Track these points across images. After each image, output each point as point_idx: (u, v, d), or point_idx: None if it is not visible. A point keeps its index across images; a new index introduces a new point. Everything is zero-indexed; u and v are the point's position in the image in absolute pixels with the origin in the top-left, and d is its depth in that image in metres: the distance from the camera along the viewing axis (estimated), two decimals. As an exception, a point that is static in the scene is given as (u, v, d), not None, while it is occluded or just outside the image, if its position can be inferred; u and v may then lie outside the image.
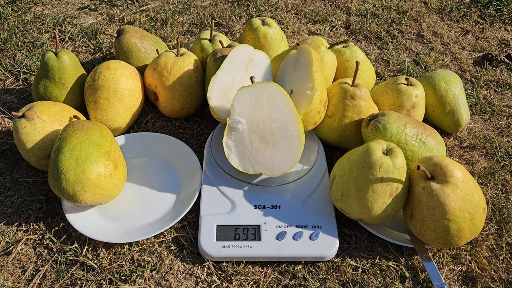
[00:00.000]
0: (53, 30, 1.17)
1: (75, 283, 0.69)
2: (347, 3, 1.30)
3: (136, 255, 0.73)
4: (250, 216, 0.75)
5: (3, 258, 0.72)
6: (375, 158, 0.68)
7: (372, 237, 0.76)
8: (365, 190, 0.68)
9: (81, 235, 0.75)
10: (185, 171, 0.83)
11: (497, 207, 0.82)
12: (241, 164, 0.76)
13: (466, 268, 0.73)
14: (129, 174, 0.83)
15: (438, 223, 0.67)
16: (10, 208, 0.79)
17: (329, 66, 0.89)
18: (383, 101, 0.88)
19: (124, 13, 1.23)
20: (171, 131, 0.93)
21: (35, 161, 0.79)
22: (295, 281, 0.70)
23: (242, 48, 0.85)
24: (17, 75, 1.04)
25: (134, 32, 0.97)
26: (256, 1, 1.28)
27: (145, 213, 0.77)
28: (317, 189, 0.80)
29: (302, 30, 1.20)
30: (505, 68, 1.11)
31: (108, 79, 0.86)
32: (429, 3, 1.31)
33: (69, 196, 0.70)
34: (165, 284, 0.70)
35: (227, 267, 0.71)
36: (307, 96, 0.76)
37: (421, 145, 0.77)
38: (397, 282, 0.71)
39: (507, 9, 1.29)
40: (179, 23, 1.21)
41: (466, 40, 1.19)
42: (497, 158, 0.90)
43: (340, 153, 0.90)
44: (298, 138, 0.75)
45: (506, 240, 0.77)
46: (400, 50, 1.15)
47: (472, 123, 0.98)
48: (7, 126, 0.93)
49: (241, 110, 0.76)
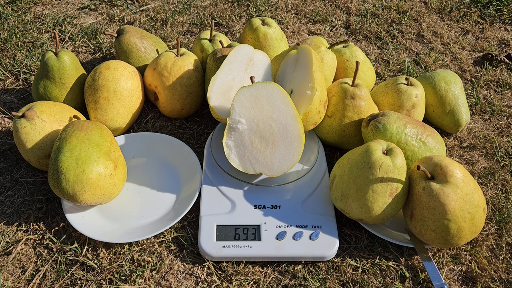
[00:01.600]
0: (53, 30, 1.17)
1: (75, 283, 0.69)
2: (347, 3, 1.30)
3: (136, 255, 0.73)
4: (250, 216, 0.75)
5: (3, 258, 0.72)
6: (375, 158, 0.68)
7: (372, 237, 0.76)
8: (365, 190, 0.68)
9: (81, 235, 0.75)
10: (185, 171, 0.83)
11: (497, 207, 0.82)
12: (241, 164, 0.76)
13: (466, 268, 0.73)
14: (129, 174, 0.83)
15: (438, 223, 0.67)
16: (10, 208, 0.79)
17: (329, 66, 0.89)
18: (383, 101, 0.88)
19: (124, 13, 1.23)
20: (171, 131, 0.93)
21: (35, 161, 0.79)
22: (295, 281, 0.70)
23: (242, 48, 0.85)
24: (17, 75, 1.04)
25: (134, 32, 0.97)
26: (256, 1, 1.28)
27: (145, 213, 0.77)
28: (317, 189, 0.80)
29: (302, 30, 1.20)
30: (505, 68, 1.11)
31: (108, 79, 0.86)
32: (429, 3, 1.31)
33: (69, 196, 0.70)
34: (165, 284, 0.70)
35: (227, 267, 0.71)
36: (307, 96, 0.76)
37: (421, 145, 0.77)
38: (397, 282, 0.71)
39: (507, 9, 1.29)
40: (179, 23, 1.21)
41: (466, 40, 1.19)
42: (497, 158, 0.90)
43: (340, 153, 0.90)
44: (298, 138, 0.75)
45: (506, 240, 0.77)
46: (400, 50, 1.15)
47: (472, 123, 0.98)
48: (7, 126, 0.93)
49: (241, 110, 0.76)
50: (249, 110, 0.76)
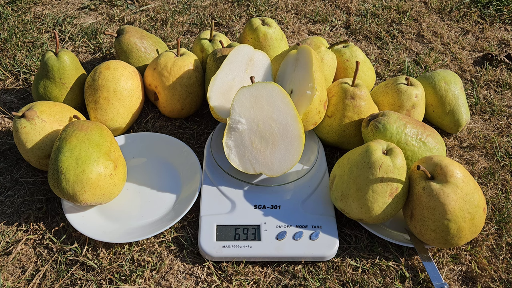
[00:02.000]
0: (53, 30, 1.17)
1: (75, 283, 0.69)
2: (347, 3, 1.30)
3: (136, 255, 0.73)
4: (250, 216, 0.75)
5: (3, 258, 0.72)
6: (375, 158, 0.68)
7: (372, 237, 0.76)
8: (365, 190, 0.68)
9: (81, 235, 0.75)
10: (185, 171, 0.83)
11: (497, 207, 0.82)
12: (241, 164, 0.76)
13: (466, 268, 0.73)
14: (129, 174, 0.83)
15: (438, 223, 0.67)
16: (10, 208, 0.79)
17: (329, 66, 0.89)
18: (383, 101, 0.88)
19: (124, 13, 1.23)
20: (171, 131, 0.93)
21: (35, 161, 0.79)
22: (295, 281, 0.70)
23: (242, 48, 0.85)
24: (17, 75, 1.04)
25: (134, 32, 0.97)
26: (256, 1, 1.28)
27: (145, 213, 0.77)
28: (317, 189, 0.80)
29: (302, 30, 1.20)
30: (505, 68, 1.11)
31: (108, 79, 0.86)
32: (429, 3, 1.31)
33: (69, 196, 0.70)
34: (165, 284, 0.70)
35: (227, 267, 0.71)
36: (307, 96, 0.76)
37: (421, 145, 0.77)
38: (397, 282, 0.71)
39: (507, 9, 1.29)
40: (179, 23, 1.21)
41: (466, 40, 1.19)
42: (497, 158, 0.90)
43: (340, 153, 0.90)
44: (298, 138, 0.75)
45: (506, 240, 0.77)
46: (400, 50, 1.15)
47: (472, 123, 0.98)
48: (7, 126, 0.93)
49: (241, 110, 0.76)
50: (249, 110, 0.76)
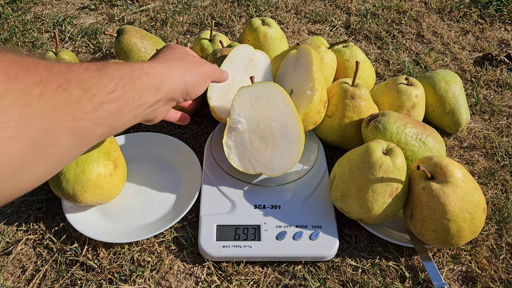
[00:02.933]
0: (53, 30, 1.17)
1: (75, 283, 0.69)
2: (347, 3, 1.30)
3: (136, 255, 0.73)
4: (250, 216, 0.75)
5: (3, 258, 0.72)
6: (375, 158, 0.68)
7: (372, 237, 0.76)
8: (365, 190, 0.68)
9: (81, 235, 0.75)
10: (185, 171, 0.83)
11: (497, 207, 0.82)
12: (241, 164, 0.76)
13: (466, 268, 0.73)
14: (129, 174, 0.83)
15: (438, 223, 0.67)
16: (10, 208, 0.79)
17: (329, 66, 0.89)
18: (383, 101, 0.88)
19: (124, 13, 1.23)
20: (171, 131, 0.93)
21: (35, 161, 0.79)
22: (295, 281, 0.70)
23: (242, 48, 0.85)
24: (17, 75, 1.04)
25: (134, 32, 0.97)
26: (256, 1, 1.28)
27: (145, 213, 0.77)
28: (317, 189, 0.80)
29: (302, 30, 1.20)
30: (505, 68, 1.11)
31: (108, 79, 0.86)
32: (429, 3, 1.31)
33: (69, 196, 0.70)
34: (165, 284, 0.70)
35: (227, 267, 0.71)
36: (307, 96, 0.76)
37: (421, 145, 0.77)
38: (397, 282, 0.71)
39: (507, 9, 1.29)
40: (179, 23, 1.21)
41: (466, 40, 1.19)
42: (497, 158, 0.90)
43: (340, 153, 0.90)
44: (298, 138, 0.75)
45: (506, 240, 0.77)
46: (400, 50, 1.15)
47: (472, 123, 0.98)
48: (7, 126, 0.93)
49: (241, 110, 0.76)
50: (249, 110, 0.76)
